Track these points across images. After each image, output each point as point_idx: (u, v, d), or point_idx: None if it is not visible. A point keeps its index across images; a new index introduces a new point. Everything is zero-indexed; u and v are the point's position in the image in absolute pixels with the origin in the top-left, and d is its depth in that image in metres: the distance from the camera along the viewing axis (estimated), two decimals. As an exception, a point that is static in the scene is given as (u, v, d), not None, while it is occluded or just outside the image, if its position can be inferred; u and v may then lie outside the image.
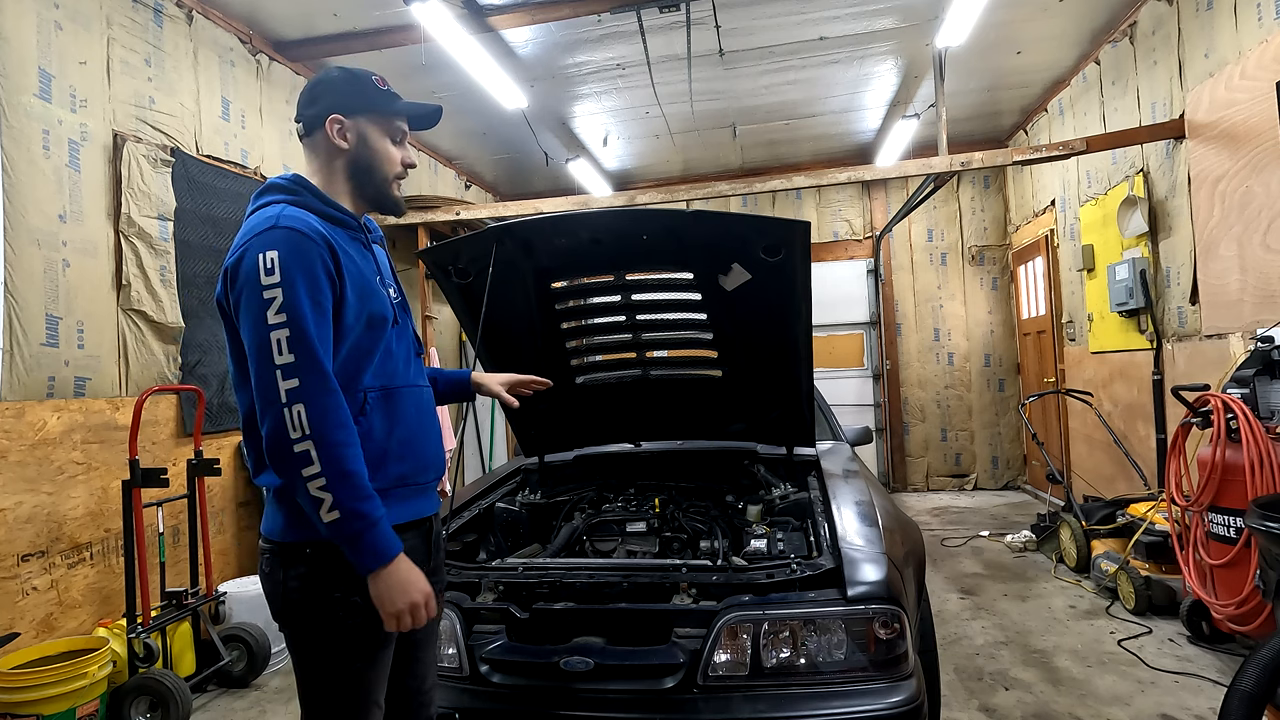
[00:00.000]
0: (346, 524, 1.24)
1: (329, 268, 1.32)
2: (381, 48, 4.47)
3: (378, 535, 1.26)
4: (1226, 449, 2.84)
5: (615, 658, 1.77)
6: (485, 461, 6.71)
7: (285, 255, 1.28)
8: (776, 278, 2.23)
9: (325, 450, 1.23)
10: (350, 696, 1.35)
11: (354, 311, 1.37)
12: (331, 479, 1.23)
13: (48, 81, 3.07)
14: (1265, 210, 3.46)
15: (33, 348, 2.95)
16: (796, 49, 4.94)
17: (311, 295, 1.28)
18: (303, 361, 1.25)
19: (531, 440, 2.99)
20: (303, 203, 1.40)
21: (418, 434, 1.48)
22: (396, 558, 1.28)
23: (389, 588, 1.27)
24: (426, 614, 1.31)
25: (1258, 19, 3.47)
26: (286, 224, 1.31)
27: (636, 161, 7.34)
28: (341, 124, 1.45)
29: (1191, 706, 2.71)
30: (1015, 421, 7.25)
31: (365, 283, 1.41)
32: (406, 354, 1.51)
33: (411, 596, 1.29)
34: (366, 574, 1.27)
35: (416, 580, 1.31)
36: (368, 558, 1.26)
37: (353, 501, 1.24)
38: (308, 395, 1.24)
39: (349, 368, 1.37)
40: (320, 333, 1.28)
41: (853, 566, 1.83)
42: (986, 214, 7.41)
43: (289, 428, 1.23)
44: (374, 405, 1.40)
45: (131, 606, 2.94)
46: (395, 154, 1.49)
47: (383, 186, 1.49)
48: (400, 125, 1.50)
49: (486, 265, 2.25)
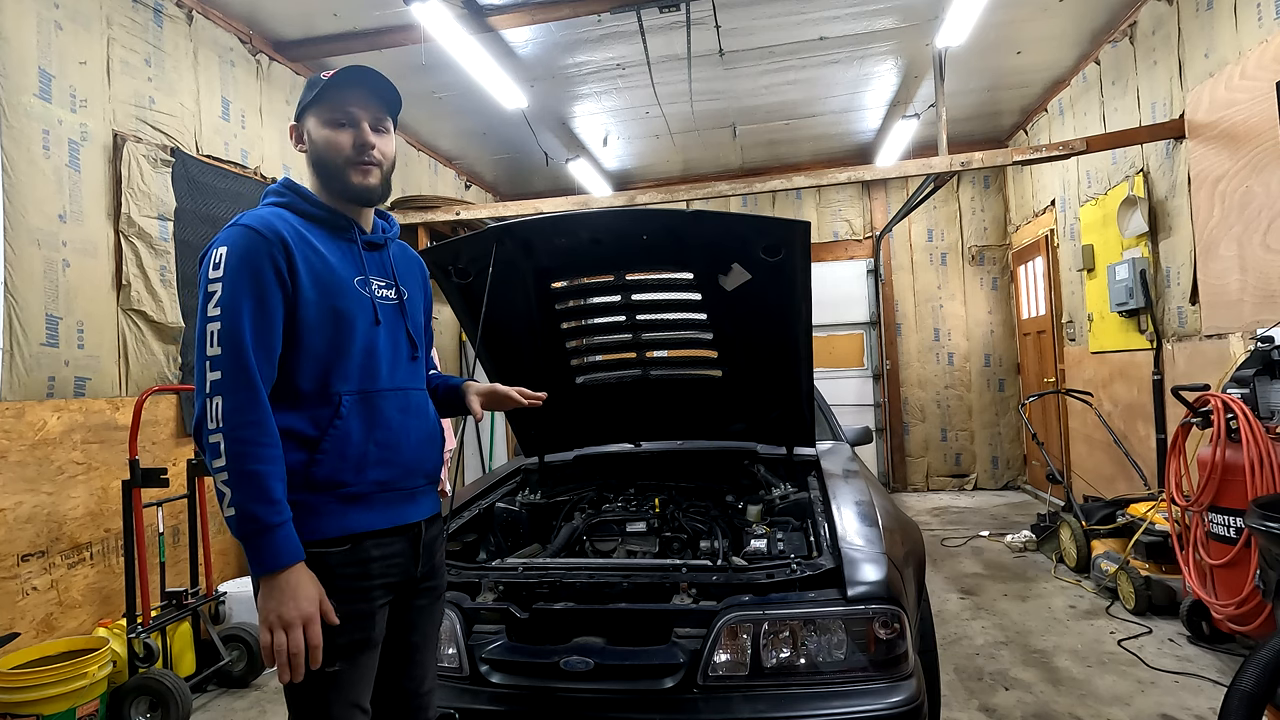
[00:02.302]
0: (240, 523, 1.23)
1: (278, 265, 1.32)
2: (381, 48, 4.47)
3: (269, 541, 1.23)
4: (1226, 449, 2.84)
5: (615, 658, 1.77)
6: (485, 461, 6.71)
7: (232, 252, 1.30)
8: (776, 278, 2.23)
9: (232, 446, 1.23)
10: (329, 697, 1.33)
11: (314, 307, 1.36)
12: (233, 475, 1.23)
13: (48, 81, 3.07)
14: (1265, 210, 3.46)
15: (33, 348, 2.95)
16: (796, 49, 4.94)
17: (254, 292, 1.29)
18: (228, 356, 1.26)
19: (531, 440, 2.99)
20: (288, 203, 1.43)
21: (401, 437, 1.44)
22: (286, 570, 1.24)
23: (267, 598, 1.24)
24: (308, 640, 1.24)
25: (1258, 19, 3.47)
26: (245, 222, 1.34)
27: (636, 161, 7.34)
28: (296, 129, 1.49)
29: (1191, 706, 2.71)
30: (1015, 421, 7.25)
31: (333, 280, 1.39)
32: (395, 356, 1.47)
33: (285, 613, 1.22)
34: (255, 577, 1.26)
35: (300, 600, 1.24)
36: (254, 562, 1.24)
37: (248, 502, 1.22)
38: (225, 388, 1.25)
39: (318, 366, 1.36)
40: (257, 330, 1.29)
41: (853, 566, 1.83)
42: (986, 214, 7.41)
43: (207, 418, 1.25)
44: (350, 409, 1.37)
45: (131, 606, 2.94)
46: (340, 138, 1.43)
47: (338, 175, 1.44)
48: (336, 107, 1.43)
49: (486, 265, 2.24)
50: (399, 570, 1.44)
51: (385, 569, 1.41)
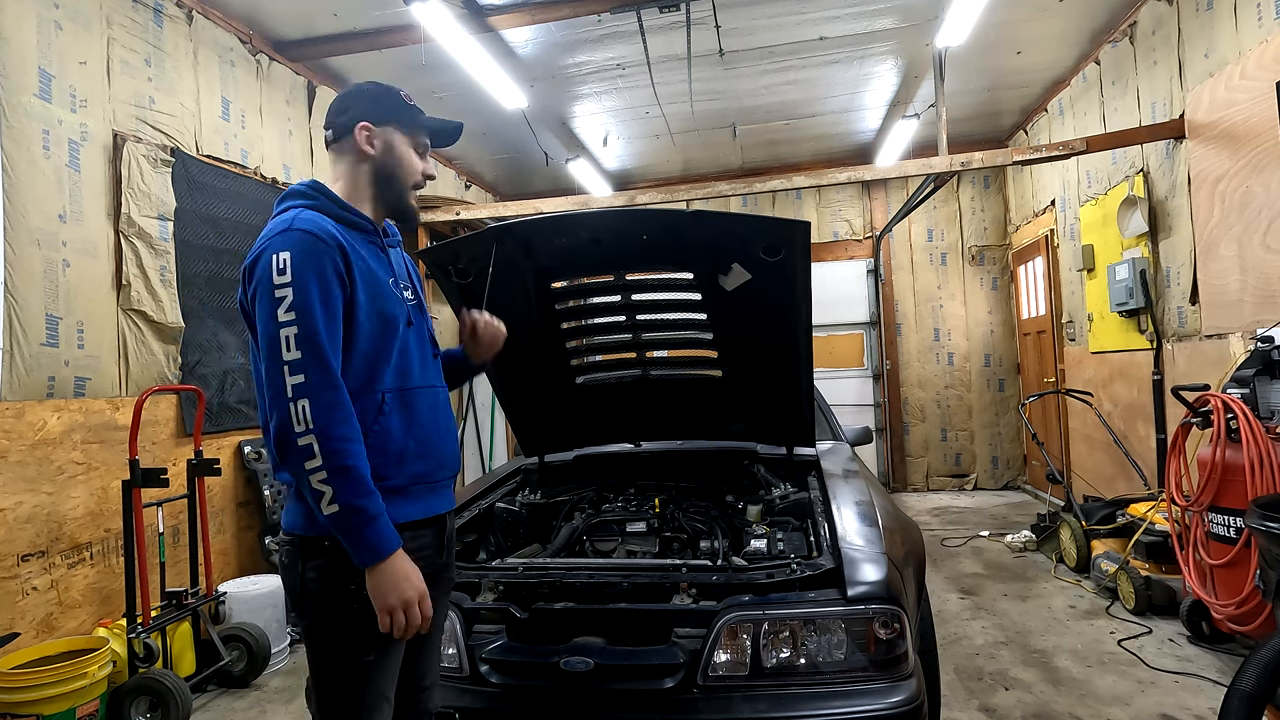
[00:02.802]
0: (345, 517, 1.28)
1: (339, 269, 1.37)
2: (381, 48, 4.48)
3: (374, 530, 1.29)
4: (1226, 449, 2.84)
5: (615, 658, 1.77)
6: (485, 461, 6.71)
7: (297, 256, 1.33)
8: (776, 278, 2.23)
9: (326, 444, 1.28)
10: (360, 688, 1.38)
11: (365, 311, 1.41)
12: (332, 472, 1.27)
13: (48, 81, 3.07)
14: (1265, 210, 3.46)
15: (33, 348, 2.95)
16: (796, 49, 4.94)
17: (321, 295, 1.34)
18: (309, 358, 1.30)
19: (531, 440, 2.99)
20: (319, 207, 1.46)
21: (432, 433, 1.52)
22: (393, 554, 1.31)
23: (383, 583, 1.30)
24: (421, 613, 1.34)
25: (1258, 19, 3.47)
26: (301, 226, 1.37)
27: (636, 161, 7.34)
28: (370, 131, 1.51)
29: (1191, 706, 2.71)
30: (1015, 421, 7.25)
31: (377, 284, 1.46)
32: (422, 355, 1.55)
33: (405, 593, 1.31)
34: (363, 567, 1.31)
35: (412, 578, 1.33)
36: (364, 552, 1.29)
37: (351, 496, 1.28)
38: (312, 390, 1.29)
39: (366, 367, 1.42)
40: (328, 331, 1.33)
41: (853, 566, 1.83)
42: (986, 214, 7.41)
43: (294, 421, 1.28)
44: (392, 405, 1.44)
45: (131, 606, 2.94)
46: (418, 164, 1.55)
47: (403, 194, 1.55)
48: (424, 138, 1.57)
49: (486, 265, 2.24)
50: (428, 561, 1.49)
51: (417, 559, 1.45)
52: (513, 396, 2.83)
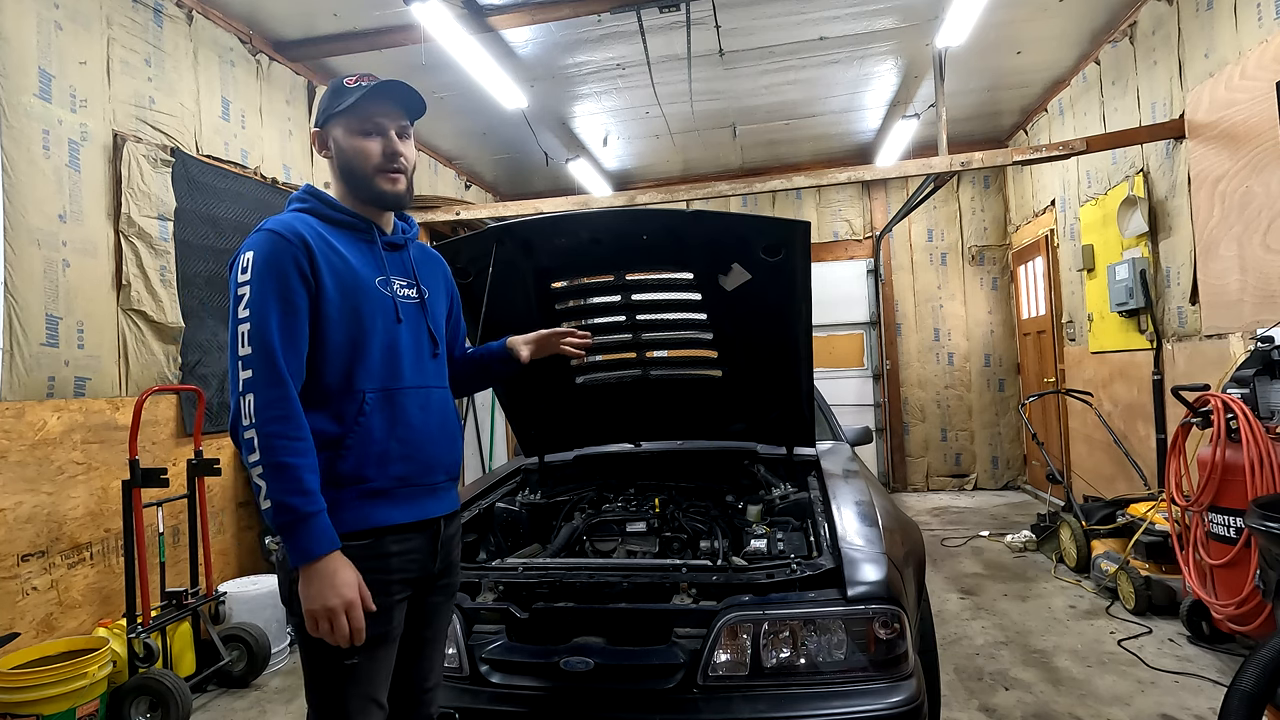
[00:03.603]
0: (277, 514, 1.28)
1: (302, 267, 1.37)
2: (381, 48, 4.47)
3: (305, 530, 1.28)
4: (1226, 449, 2.84)
5: (615, 658, 1.77)
6: (485, 461, 6.71)
7: (259, 256, 1.36)
8: (776, 278, 2.23)
9: (265, 440, 1.28)
10: (344, 690, 1.37)
11: (336, 307, 1.41)
12: (267, 468, 1.28)
13: (48, 81, 3.07)
14: (1265, 210, 3.46)
15: (33, 348, 2.95)
16: (796, 49, 4.94)
17: (279, 292, 1.34)
18: (256, 355, 1.31)
19: (531, 440, 2.99)
20: (310, 209, 1.49)
21: (422, 435, 1.49)
22: (325, 557, 1.29)
23: (309, 586, 1.28)
24: (352, 624, 1.29)
25: (1258, 19, 3.47)
26: (269, 227, 1.39)
27: (636, 161, 7.34)
28: (319, 134, 1.54)
29: (1191, 706, 2.71)
30: (1015, 421, 7.25)
31: (355, 281, 1.44)
32: (417, 354, 1.52)
33: (328, 600, 1.27)
34: (293, 567, 1.30)
35: (340, 586, 1.29)
36: (294, 552, 1.29)
37: (283, 494, 1.27)
38: (256, 386, 1.30)
39: (342, 363, 1.41)
40: (283, 328, 1.34)
41: (853, 566, 1.83)
42: (986, 214, 7.41)
43: (241, 415, 1.30)
44: (374, 406, 1.42)
45: (131, 606, 2.94)
46: (369, 146, 1.48)
47: (366, 182, 1.49)
48: (365, 118, 1.47)
49: (486, 265, 2.25)
50: (417, 566, 1.48)
51: (404, 564, 1.44)
52: (513, 396, 2.84)
